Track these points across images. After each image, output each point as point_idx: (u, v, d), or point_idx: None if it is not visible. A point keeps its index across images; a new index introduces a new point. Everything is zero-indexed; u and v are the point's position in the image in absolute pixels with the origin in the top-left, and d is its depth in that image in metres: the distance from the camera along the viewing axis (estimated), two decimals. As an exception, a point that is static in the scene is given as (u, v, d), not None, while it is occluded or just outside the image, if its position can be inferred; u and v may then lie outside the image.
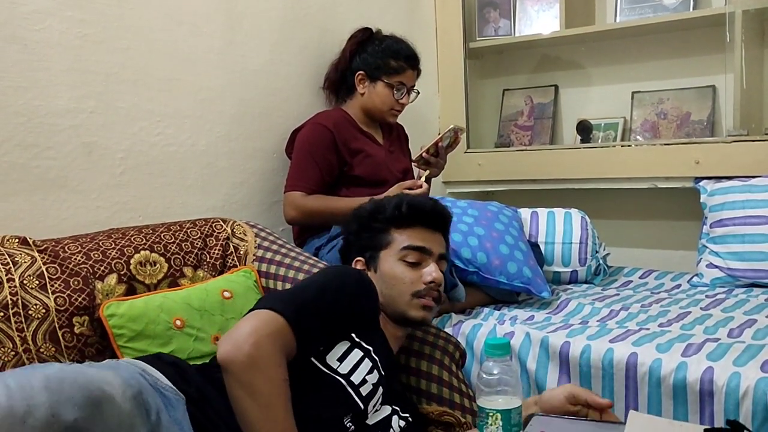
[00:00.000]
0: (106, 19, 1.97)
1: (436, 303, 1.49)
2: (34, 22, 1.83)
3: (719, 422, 1.53)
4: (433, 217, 1.55)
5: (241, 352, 1.14)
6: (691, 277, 2.46)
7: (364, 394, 1.32)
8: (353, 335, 1.37)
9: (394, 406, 1.42)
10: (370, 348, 1.37)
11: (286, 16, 2.48)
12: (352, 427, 1.28)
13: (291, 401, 1.17)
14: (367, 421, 1.34)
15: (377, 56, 2.37)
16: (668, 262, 2.74)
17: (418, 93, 2.47)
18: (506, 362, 0.97)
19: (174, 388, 1.18)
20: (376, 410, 1.37)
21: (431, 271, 1.47)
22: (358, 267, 1.54)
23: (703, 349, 1.63)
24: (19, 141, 1.80)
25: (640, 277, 2.59)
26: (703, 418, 1.56)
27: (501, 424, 0.95)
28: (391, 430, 1.38)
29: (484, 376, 0.96)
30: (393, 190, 2.19)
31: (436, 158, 2.32)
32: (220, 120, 2.25)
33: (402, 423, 1.41)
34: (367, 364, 1.34)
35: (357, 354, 1.34)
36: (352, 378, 1.31)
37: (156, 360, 1.28)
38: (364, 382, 1.32)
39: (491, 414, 0.95)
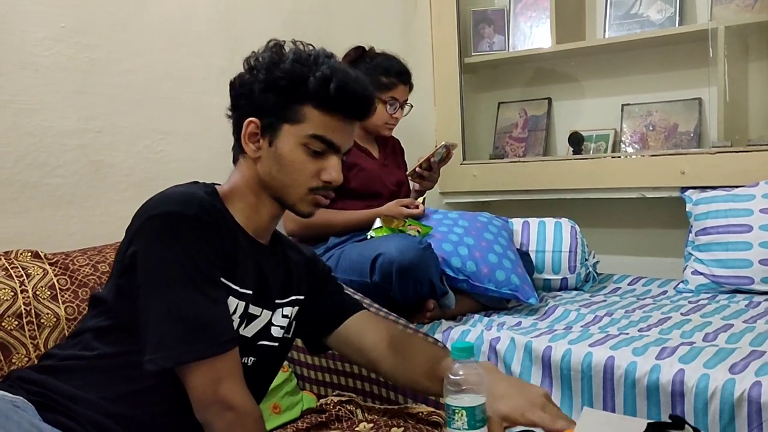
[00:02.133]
0: (111, 43, 2.08)
1: (328, 201, 1.32)
2: (45, 49, 1.94)
3: (689, 421, 1.61)
4: (361, 108, 1.30)
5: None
6: (677, 284, 2.55)
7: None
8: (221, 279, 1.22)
9: (277, 302, 1.34)
10: (237, 287, 1.24)
11: (284, 36, 2.55)
12: None
13: None
14: (243, 334, 1.26)
15: (369, 74, 2.47)
16: (657, 269, 2.83)
17: (411, 107, 2.56)
18: (471, 363, 1.06)
19: (20, 398, 1.19)
20: (253, 318, 1.29)
21: (333, 169, 1.28)
22: (250, 129, 1.27)
23: (676, 353, 1.72)
24: (31, 160, 1.91)
25: (628, 284, 2.68)
26: (675, 417, 1.64)
27: (466, 420, 1.04)
28: (272, 328, 1.33)
29: (451, 376, 1.06)
30: (390, 207, 2.29)
31: (429, 172, 2.42)
32: (220, 137, 2.32)
33: (283, 322, 1.35)
34: (240, 306, 1.25)
35: (231, 303, 1.23)
36: None
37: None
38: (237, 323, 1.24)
39: (457, 411, 1.05)
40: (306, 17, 2.68)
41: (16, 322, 1.54)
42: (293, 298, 1.39)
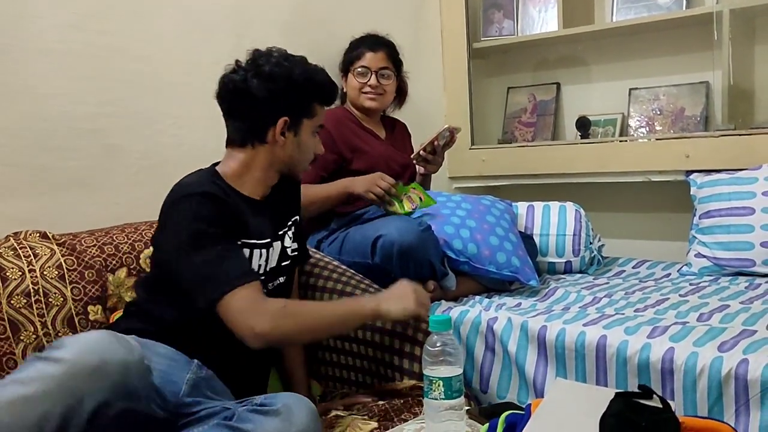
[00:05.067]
0: (125, 30, 2.15)
1: None
2: (59, 35, 2.01)
3: (679, 398, 1.65)
4: (334, 95, 1.77)
5: (254, 341, 1.46)
6: (681, 267, 2.57)
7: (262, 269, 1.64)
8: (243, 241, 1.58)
9: (280, 232, 1.72)
10: (256, 241, 1.61)
11: (293, 21, 2.64)
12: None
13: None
14: (272, 267, 1.67)
15: (345, 53, 2.57)
16: (663, 253, 2.84)
17: (397, 74, 2.59)
18: (448, 336, 1.11)
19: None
20: (274, 252, 1.67)
21: (321, 147, 1.77)
22: (280, 125, 1.63)
23: (667, 332, 1.75)
24: (45, 144, 1.98)
25: (633, 267, 2.71)
26: (665, 394, 1.68)
27: (443, 389, 1.09)
28: (287, 250, 1.73)
29: (429, 348, 1.11)
30: (367, 178, 2.31)
31: (433, 156, 2.46)
32: (230, 122, 2.41)
33: (291, 243, 1.74)
34: (256, 254, 1.62)
35: (255, 254, 1.61)
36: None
37: None
38: (259, 267, 1.62)
39: (434, 381, 1.10)
40: (315, 3, 2.72)
41: (25, 300, 1.62)
42: (292, 220, 1.78)
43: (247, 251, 1.58)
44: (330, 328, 1.62)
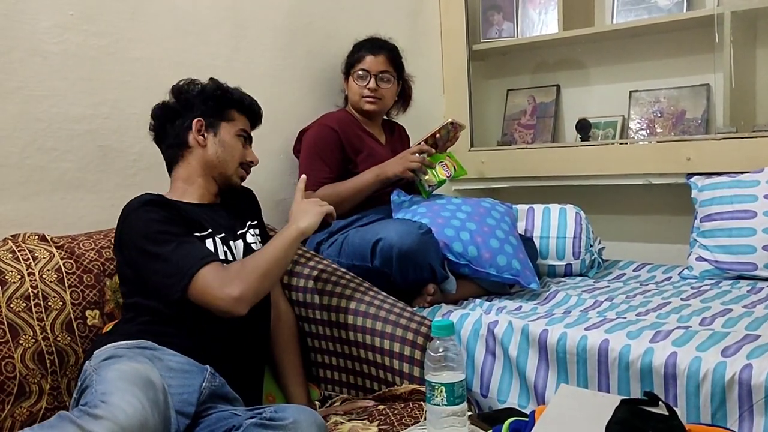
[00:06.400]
0: (119, 31, 2.12)
1: (248, 175, 1.91)
2: (54, 36, 1.99)
3: (681, 404, 1.63)
4: (259, 115, 1.92)
5: (238, 306, 1.53)
6: (682, 270, 2.55)
7: (229, 258, 1.71)
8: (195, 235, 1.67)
9: (239, 232, 1.81)
10: (212, 231, 1.71)
11: (291, 23, 2.62)
12: None
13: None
14: (238, 258, 1.73)
15: (348, 56, 2.54)
16: (663, 256, 2.83)
17: (397, 78, 2.56)
18: (451, 341, 1.09)
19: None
20: (236, 247, 1.76)
21: (253, 154, 1.89)
22: (195, 126, 1.79)
23: (670, 336, 1.73)
24: (39, 145, 1.96)
25: (633, 270, 2.69)
26: (667, 399, 1.66)
27: (445, 395, 1.07)
28: (251, 245, 1.81)
29: (431, 353, 1.09)
30: (395, 160, 2.40)
31: (434, 149, 2.44)
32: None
33: (254, 239, 1.83)
34: (219, 243, 1.71)
35: (208, 244, 1.68)
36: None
37: None
38: (224, 254, 1.70)
39: (436, 387, 1.08)
40: (312, 5, 2.70)
41: (24, 304, 1.59)
42: (249, 223, 1.87)
43: (209, 242, 1.68)
44: (280, 262, 1.64)
